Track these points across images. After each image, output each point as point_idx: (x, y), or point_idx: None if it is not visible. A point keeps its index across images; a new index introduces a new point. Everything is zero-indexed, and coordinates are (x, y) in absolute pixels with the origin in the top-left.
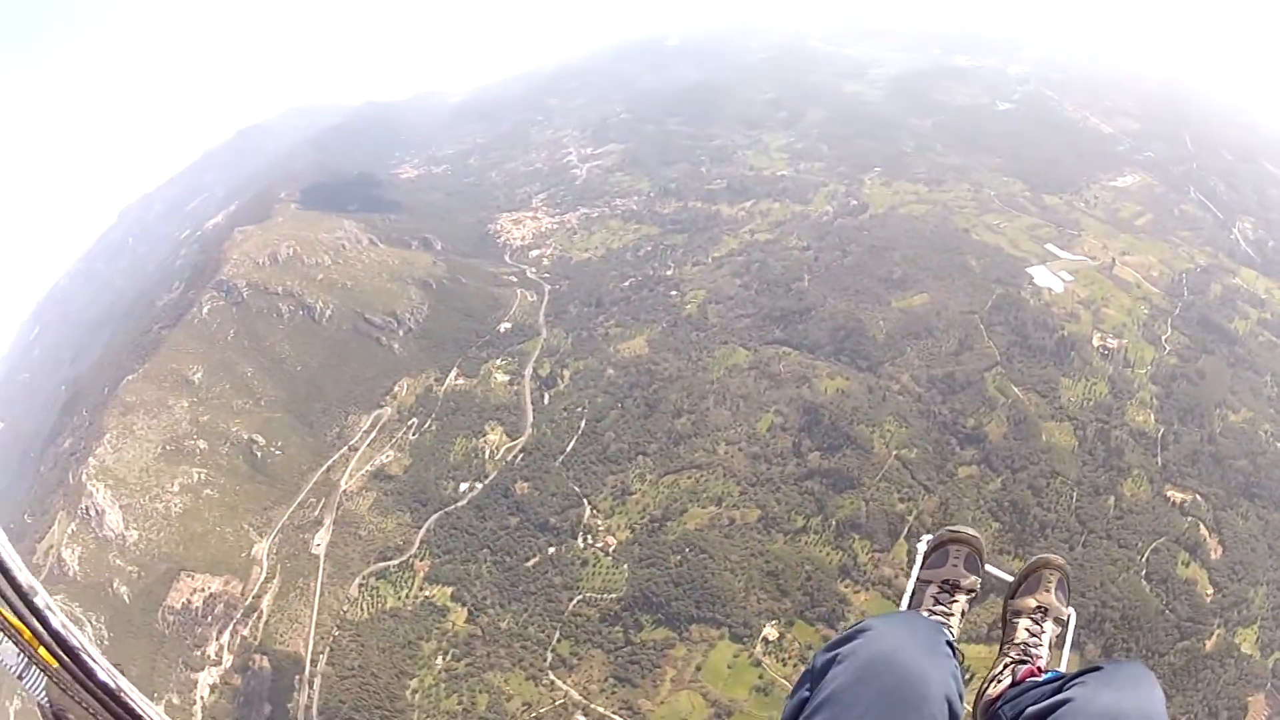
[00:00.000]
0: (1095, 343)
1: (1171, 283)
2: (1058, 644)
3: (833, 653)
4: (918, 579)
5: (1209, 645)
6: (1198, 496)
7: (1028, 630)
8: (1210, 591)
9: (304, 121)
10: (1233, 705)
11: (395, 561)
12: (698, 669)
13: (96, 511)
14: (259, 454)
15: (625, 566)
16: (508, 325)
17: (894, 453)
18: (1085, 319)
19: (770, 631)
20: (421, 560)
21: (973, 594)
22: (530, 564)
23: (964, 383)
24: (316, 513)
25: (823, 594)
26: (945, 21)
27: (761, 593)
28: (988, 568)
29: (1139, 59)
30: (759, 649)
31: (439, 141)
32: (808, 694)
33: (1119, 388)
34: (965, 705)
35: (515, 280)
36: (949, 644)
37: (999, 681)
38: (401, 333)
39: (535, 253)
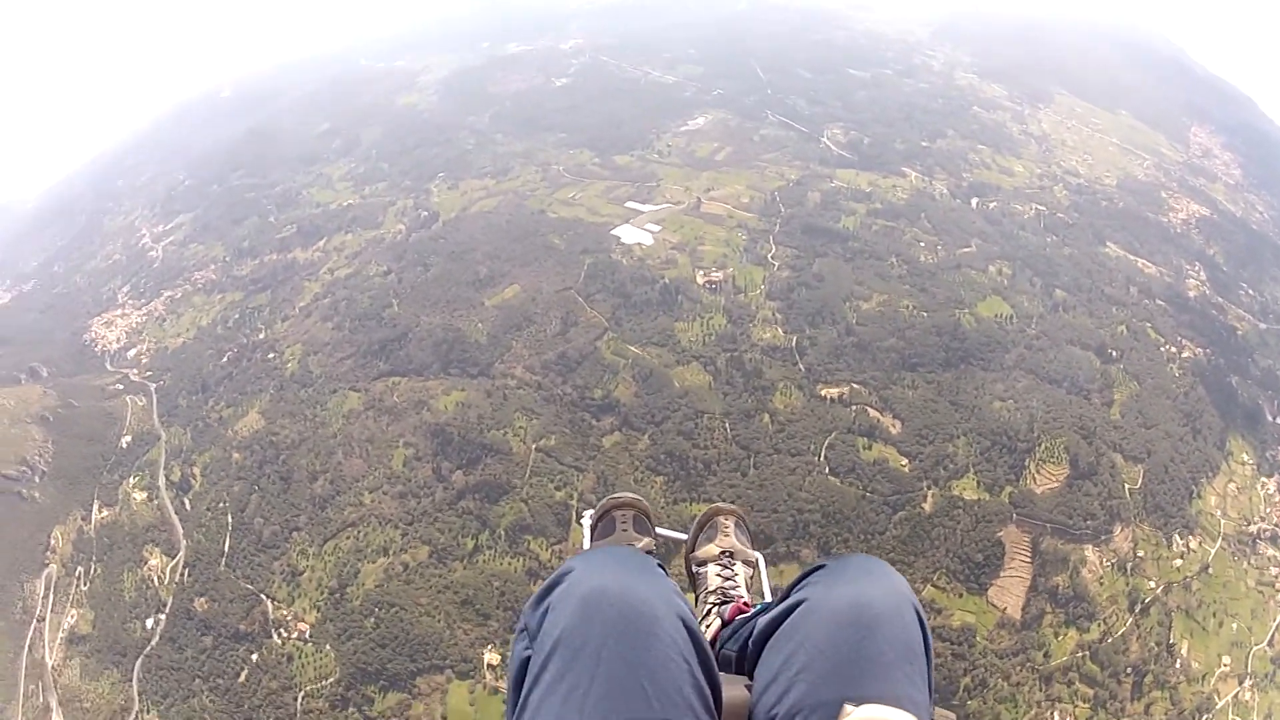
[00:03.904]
0: (700, 281)
1: (765, 204)
2: (754, 587)
3: (543, 604)
4: None
5: (928, 506)
6: (854, 386)
7: (719, 575)
8: (905, 462)
9: None
10: (985, 545)
11: None
12: (444, 718)
13: None
14: None
15: (328, 647)
16: (128, 439)
17: (533, 446)
18: (683, 262)
19: (491, 656)
20: (149, 714)
21: (651, 554)
22: (242, 679)
23: (578, 358)
24: (42, 699)
25: (521, 603)
26: (491, 12)
27: (465, 624)
28: (659, 530)
29: (693, 6)
30: (489, 677)
31: (24, 254)
32: (528, 652)
33: (736, 315)
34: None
35: (122, 388)
36: (660, 566)
37: (708, 626)
38: (38, 479)
39: (132, 352)
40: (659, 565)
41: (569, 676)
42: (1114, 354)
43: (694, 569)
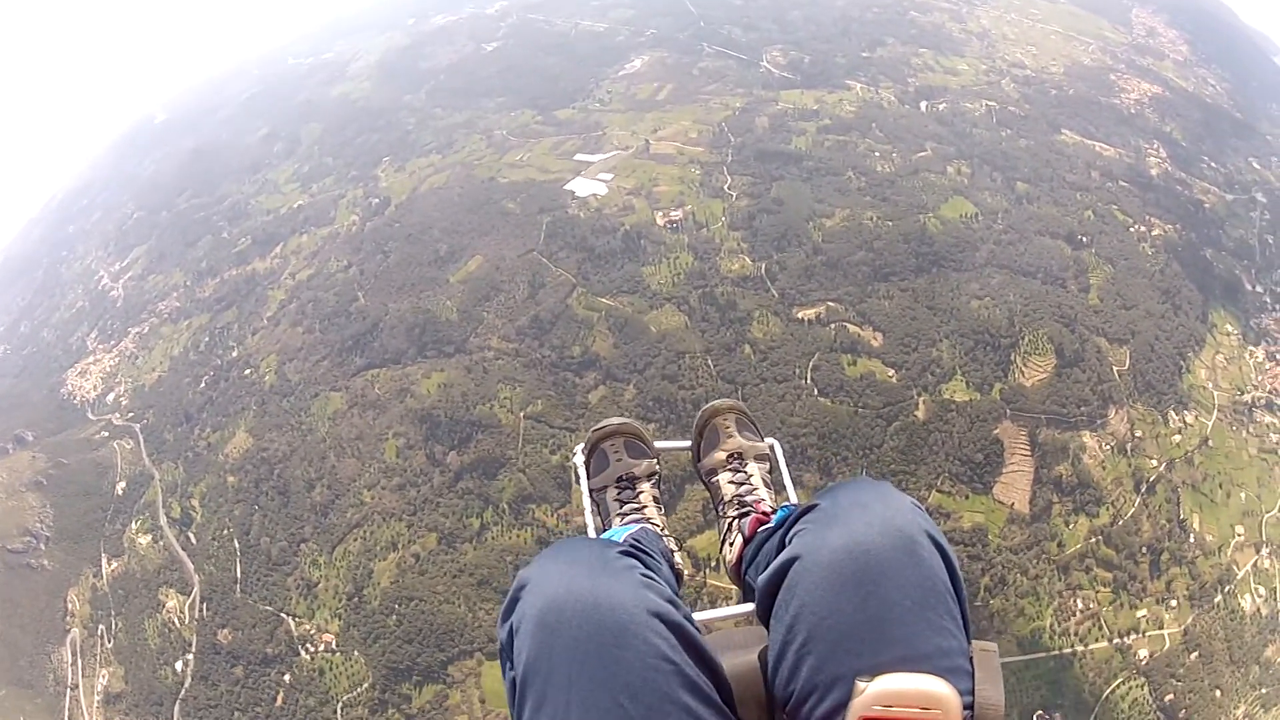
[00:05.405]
0: (660, 222)
1: (714, 136)
2: (773, 483)
3: (507, 624)
4: (590, 492)
5: (921, 414)
6: (830, 304)
7: (731, 482)
8: (891, 373)
9: None
10: (983, 444)
11: None
12: (482, 701)
13: None
14: None
15: (356, 653)
16: (123, 485)
17: (521, 415)
18: (641, 206)
19: None
20: None
21: (654, 475)
22: (279, 702)
23: (551, 319)
24: None
25: None
26: None
27: (485, 604)
28: (658, 444)
29: None
30: None
31: None
32: (513, 673)
33: (702, 251)
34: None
35: (107, 434)
36: (623, 552)
37: (731, 545)
38: (43, 546)
39: (111, 396)
40: (622, 552)
41: (546, 708)
42: (1084, 239)
43: (706, 479)
